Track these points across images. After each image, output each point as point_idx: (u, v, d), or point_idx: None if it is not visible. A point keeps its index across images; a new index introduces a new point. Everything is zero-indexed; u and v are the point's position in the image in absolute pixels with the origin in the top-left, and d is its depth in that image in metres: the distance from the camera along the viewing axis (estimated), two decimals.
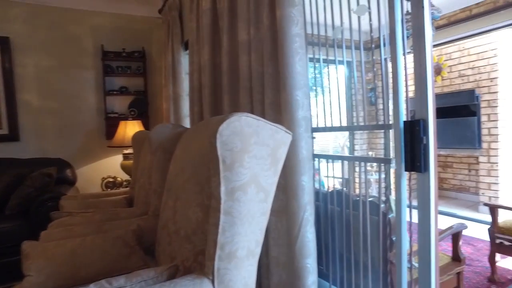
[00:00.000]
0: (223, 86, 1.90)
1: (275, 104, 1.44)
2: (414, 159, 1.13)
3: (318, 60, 1.67)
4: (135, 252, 1.51)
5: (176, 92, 3.17)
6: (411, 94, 1.13)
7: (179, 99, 3.14)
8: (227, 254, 1.00)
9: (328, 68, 1.74)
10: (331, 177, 1.77)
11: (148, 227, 1.71)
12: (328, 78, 1.71)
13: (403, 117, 1.20)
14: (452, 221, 3.71)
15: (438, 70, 4.70)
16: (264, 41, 1.49)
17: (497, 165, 4.12)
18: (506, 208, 2.52)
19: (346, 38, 1.53)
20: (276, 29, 1.40)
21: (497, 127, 4.11)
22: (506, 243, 2.43)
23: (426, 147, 1.11)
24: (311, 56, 1.72)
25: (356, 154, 5.12)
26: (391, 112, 1.26)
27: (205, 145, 1.05)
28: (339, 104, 1.59)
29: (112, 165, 3.64)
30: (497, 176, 4.13)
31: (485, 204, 2.55)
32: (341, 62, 1.60)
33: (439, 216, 4.01)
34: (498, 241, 2.45)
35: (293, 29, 1.33)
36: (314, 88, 1.79)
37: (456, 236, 1.97)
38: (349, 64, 3.98)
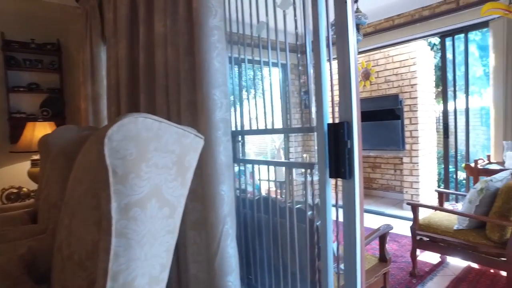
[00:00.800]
0: (140, 84, 1.69)
1: (191, 104, 1.28)
2: (339, 164, 1.07)
3: (243, 61, 1.57)
4: (20, 283, 1.24)
5: (95, 91, 2.84)
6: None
7: (98, 99, 2.81)
8: (122, 284, 0.81)
9: (254, 69, 1.64)
10: (261, 180, 1.67)
11: (43, 249, 1.43)
12: (253, 80, 1.61)
13: (328, 120, 1.13)
14: (380, 220, 3.91)
15: (367, 75, 4.96)
16: (181, 34, 1.33)
17: (417, 165, 4.46)
18: (425, 206, 2.68)
19: (272, 38, 1.45)
20: (193, 21, 1.24)
21: (417, 130, 4.46)
22: (425, 239, 2.58)
23: (351, 151, 1.05)
24: (236, 56, 1.61)
25: (291, 156, 5.17)
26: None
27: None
28: (264, 106, 1.50)
29: (16, 173, 3.12)
30: (418, 176, 4.47)
31: (408, 203, 2.68)
32: (266, 64, 1.52)
33: (369, 215, 4.11)
34: (418, 237, 2.59)
35: (211, 20, 1.19)
36: (247, 90, 1.68)
37: (382, 238, 2.00)
38: (282, 66, 3.96)
